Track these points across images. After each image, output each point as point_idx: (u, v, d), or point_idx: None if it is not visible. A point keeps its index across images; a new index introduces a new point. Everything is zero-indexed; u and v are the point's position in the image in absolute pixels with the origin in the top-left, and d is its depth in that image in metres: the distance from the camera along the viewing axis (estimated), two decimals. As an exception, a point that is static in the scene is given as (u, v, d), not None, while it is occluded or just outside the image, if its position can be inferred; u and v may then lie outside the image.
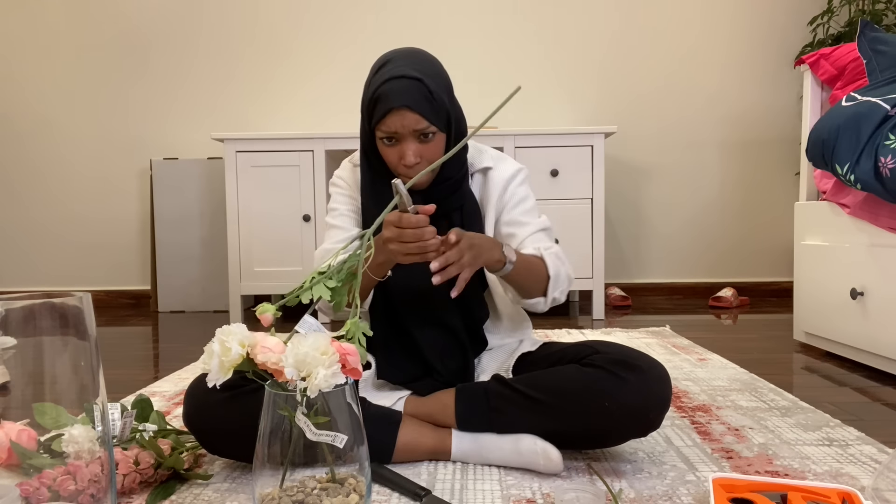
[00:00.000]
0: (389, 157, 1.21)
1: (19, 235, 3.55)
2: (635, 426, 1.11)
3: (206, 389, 1.09)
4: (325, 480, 0.84)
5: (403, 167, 1.19)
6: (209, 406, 1.08)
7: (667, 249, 3.50)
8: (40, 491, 0.77)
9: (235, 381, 1.07)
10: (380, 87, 1.16)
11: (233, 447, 1.11)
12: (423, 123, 1.16)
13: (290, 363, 0.78)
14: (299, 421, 0.79)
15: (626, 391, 1.07)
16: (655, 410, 1.10)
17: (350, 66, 3.45)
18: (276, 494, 0.82)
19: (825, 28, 3.24)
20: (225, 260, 3.23)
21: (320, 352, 0.78)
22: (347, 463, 0.84)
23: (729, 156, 3.46)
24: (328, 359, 0.78)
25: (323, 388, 0.77)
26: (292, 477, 0.83)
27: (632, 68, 3.43)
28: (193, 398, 1.11)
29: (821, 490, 0.93)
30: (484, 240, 1.12)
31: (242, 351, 0.81)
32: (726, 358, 2.03)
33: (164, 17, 3.46)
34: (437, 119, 1.17)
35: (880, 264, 1.82)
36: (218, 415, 1.07)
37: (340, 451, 0.82)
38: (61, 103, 3.50)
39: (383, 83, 1.16)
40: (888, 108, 1.77)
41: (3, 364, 0.69)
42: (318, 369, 0.77)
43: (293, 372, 0.78)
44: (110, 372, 2.01)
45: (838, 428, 1.36)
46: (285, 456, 0.82)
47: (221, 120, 3.47)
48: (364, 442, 0.86)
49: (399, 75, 1.15)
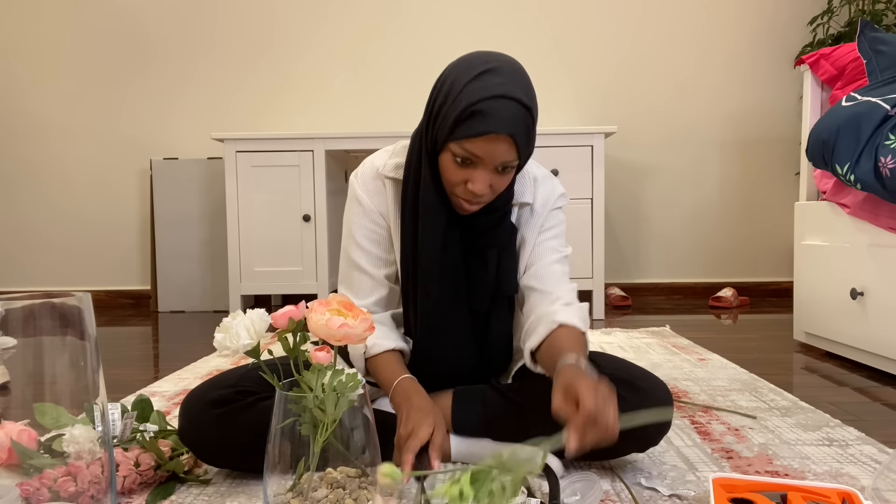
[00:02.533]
0: (452, 176, 1.04)
1: (19, 235, 3.55)
2: (634, 445, 1.10)
3: (201, 405, 1.06)
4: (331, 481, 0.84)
5: (466, 191, 1.04)
6: (204, 422, 1.05)
7: (667, 249, 3.50)
8: (41, 491, 0.77)
9: (230, 396, 1.06)
10: (483, 102, 0.98)
11: (230, 460, 1.10)
12: (514, 156, 1.01)
13: None
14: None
15: (626, 412, 1.05)
16: (655, 432, 1.08)
17: (350, 66, 3.44)
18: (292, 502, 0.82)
19: (825, 28, 3.24)
20: (225, 260, 3.23)
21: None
22: (363, 463, 0.84)
23: (729, 156, 3.46)
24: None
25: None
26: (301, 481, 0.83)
27: (632, 68, 3.43)
28: (188, 414, 1.07)
29: (821, 490, 0.93)
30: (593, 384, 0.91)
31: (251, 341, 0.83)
32: (726, 358, 2.03)
33: (165, 17, 3.46)
34: (526, 154, 1.03)
35: (880, 264, 1.81)
36: (213, 430, 1.05)
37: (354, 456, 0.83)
38: (61, 103, 3.50)
39: (489, 98, 0.98)
40: (888, 108, 1.77)
41: (3, 364, 0.69)
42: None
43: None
44: (110, 372, 2.01)
45: (838, 428, 1.36)
46: (297, 459, 0.81)
47: (221, 120, 3.47)
48: (377, 448, 0.85)
49: (510, 96, 0.98)
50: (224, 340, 0.85)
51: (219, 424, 1.05)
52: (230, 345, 0.84)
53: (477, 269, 1.14)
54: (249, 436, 1.04)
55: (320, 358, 0.82)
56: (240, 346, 0.84)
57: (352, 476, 0.84)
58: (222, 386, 1.08)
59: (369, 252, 1.17)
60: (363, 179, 1.17)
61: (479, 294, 1.16)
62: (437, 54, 3.39)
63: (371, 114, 3.45)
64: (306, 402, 0.80)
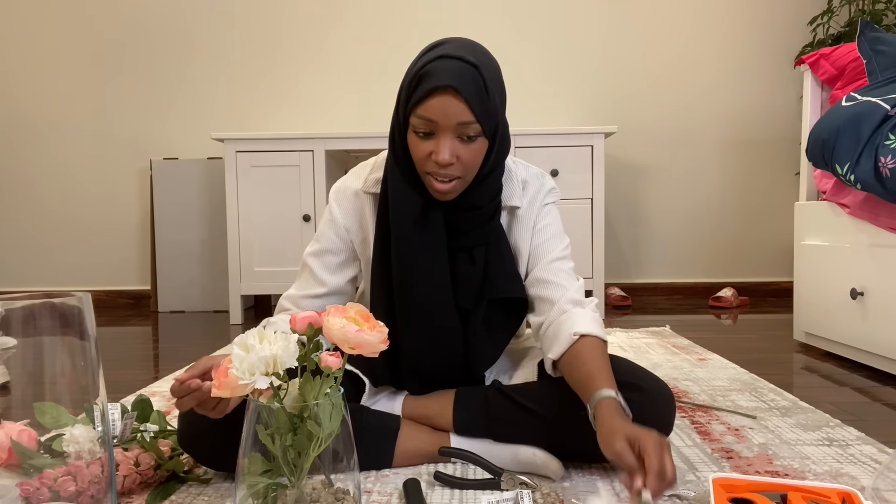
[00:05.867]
0: (419, 151, 1.03)
1: (19, 235, 3.55)
2: None
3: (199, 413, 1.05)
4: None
5: (434, 164, 1.03)
6: (203, 428, 1.04)
7: (667, 249, 3.50)
8: (41, 491, 0.77)
9: None
10: (427, 65, 1.00)
11: (230, 465, 1.09)
12: (469, 116, 0.99)
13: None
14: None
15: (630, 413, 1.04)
16: (657, 432, 1.08)
17: (350, 66, 3.44)
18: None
19: (825, 28, 3.24)
20: (225, 260, 3.23)
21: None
22: (341, 471, 0.81)
23: (729, 156, 3.46)
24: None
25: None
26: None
27: (632, 68, 3.43)
28: (187, 419, 1.05)
29: (821, 490, 0.93)
30: (622, 425, 0.92)
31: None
32: (726, 358, 2.03)
33: (165, 17, 3.46)
34: (484, 117, 1.01)
35: (880, 264, 1.81)
36: (213, 435, 1.04)
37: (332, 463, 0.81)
38: (61, 103, 3.50)
39: (432, 61, 1.00)
40: (888, 108, 1.77)
41: (3, 364, 0.69)
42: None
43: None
44: (110, 372, 2.01)
45: (838, 428, 1.36)
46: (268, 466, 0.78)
47: (221, 120, 3.47)
48: (354, 454, 0.82)
49: (454, 56, 1.00)
50: (240, 366, 0.75)
51: (218, 430, 1.03)
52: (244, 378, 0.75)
53: (463, 264, 1.12)
54: None
55: (330, 362, 0.81)
56: (250, 384, 0.75)
57: (326, 488, 0.82)
58: None
59: (323, 253, 1.19)
60: (341, 191, 1.19)
61: (464, 291, 1.14)
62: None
63: (371, 114, 3.45)
64: (280, 414, 0.76)
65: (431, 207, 1.10)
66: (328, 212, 1.20)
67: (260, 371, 0.74)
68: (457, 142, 1.02)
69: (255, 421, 0.78)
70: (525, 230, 1.17)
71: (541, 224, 1.18)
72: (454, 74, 0.98)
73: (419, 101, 1.00)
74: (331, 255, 1.19)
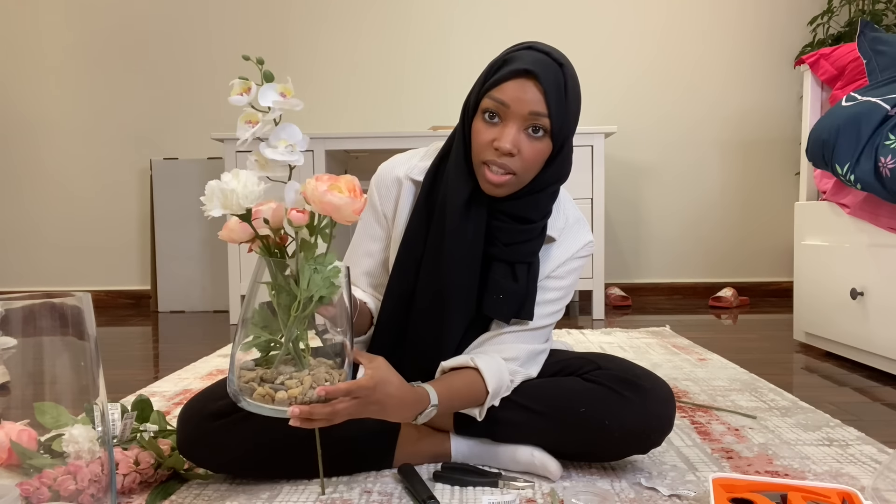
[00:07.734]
0: (482, 136, 1.00)
1: (19, 235, 3.55)
2: (636, 445, 1.09)
3: (199, 417, 1.04)
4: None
5: (493, 152, 0.99)
6: (203, 434, 1.04)
7: (667, 249, 3.50)
8: (41, 491, 0.77)
9: (228, 407, 0.99)
10: (513, 52, 1.02)
11: (230, 469, 1.10)
12: (542, 107, 0.97)
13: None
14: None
15: (627, 411, 1.04)
16: (657, 432, 1.07)
17: (350, 66, 3.44)
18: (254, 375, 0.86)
19: (825, 28, 3.24)
20: (225, 260, 3.23)
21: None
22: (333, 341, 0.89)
23: (729, 156, 3.46)
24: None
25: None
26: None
27: (632, 68, 3.43)
28: (186, 426, 1.05)
29: (821, 490, 0.93)
30: (392, 401, 0.93)
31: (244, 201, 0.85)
32: (726, 358, 2.03)
33: (165, 16, 3.46)
34: (556, 115, 0.98)
35: (880, 264, 1.81)
36: (213, 442, 1.04)
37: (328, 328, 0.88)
38: (61, 103, 3.50)
39: (519, 49, 1.02)
40: (888, 108, 1.77)
41: (3, 364, 0.69)
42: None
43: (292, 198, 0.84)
44: (110, 372, 2.01)
45: (838, 428, 1.36)
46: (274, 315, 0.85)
47: (221, 120, 3.47)
48: (351, 331, 0.90)
49: (542, 49, 1.01)
50: (216, 197, 0.83)
51: (218, 436, 1.04)
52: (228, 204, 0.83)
53: (503, 277, 1.07)
54: (249, 444, 1.04)
55: (295, 217, 0.83)
56: (235, 204, 0.83)
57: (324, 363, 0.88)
58: (220, 397, 1.03)
59: (361, 242, 1.17)
60: (378, 181, 1.16)
61: (500, 303, 1.08)
62: (438, 54, 3.39)
63: (371, 114, 3.45)
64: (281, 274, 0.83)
65: (477, 200, 1.05)
66: (370, 193, 1.15)
67: (220, 201, 0.83)
68: (522, 134, 0.99)
69: (260, 275, 0.86)
70: (551, 264, 1.12)
71: (558, 273, 1.13)
72: (539, 63, 0.98)
73: (497, 83, 0.99)
74: (369, 239, 1.17)
